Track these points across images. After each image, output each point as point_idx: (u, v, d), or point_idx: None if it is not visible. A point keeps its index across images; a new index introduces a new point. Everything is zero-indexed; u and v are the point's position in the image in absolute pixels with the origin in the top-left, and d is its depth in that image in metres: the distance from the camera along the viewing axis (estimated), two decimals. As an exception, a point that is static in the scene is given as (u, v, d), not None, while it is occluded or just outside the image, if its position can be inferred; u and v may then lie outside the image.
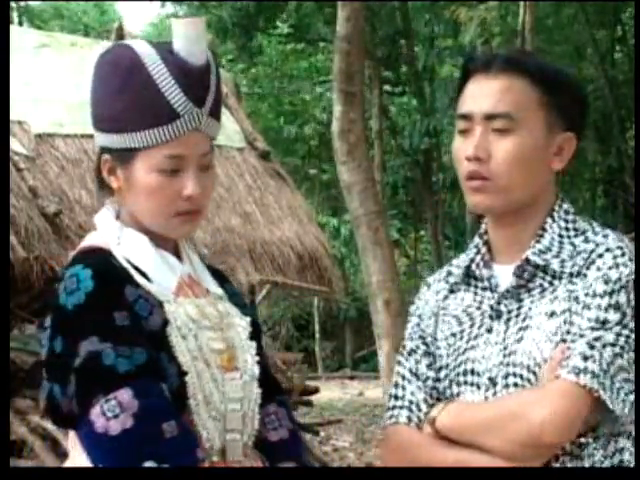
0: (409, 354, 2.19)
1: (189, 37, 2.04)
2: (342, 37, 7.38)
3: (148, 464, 1.90)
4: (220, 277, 2.28)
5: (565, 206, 2.11)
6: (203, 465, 1.98)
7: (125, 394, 1.93)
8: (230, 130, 8.77)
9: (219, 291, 2.20)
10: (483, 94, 2.05)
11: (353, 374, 19.99)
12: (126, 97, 2.03)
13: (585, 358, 1.92)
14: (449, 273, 2.21)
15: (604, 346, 1.94)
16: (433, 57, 18.18)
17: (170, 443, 1.92)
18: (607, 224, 2.23)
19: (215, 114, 2.09)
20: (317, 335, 20.69)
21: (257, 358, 2.16)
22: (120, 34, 8.70)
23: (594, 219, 2.23)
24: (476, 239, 2.18)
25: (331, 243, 14.15)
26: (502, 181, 2.04)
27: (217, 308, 2.14)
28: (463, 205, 15.63)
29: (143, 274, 2.06)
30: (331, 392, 15.70)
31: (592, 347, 1.93)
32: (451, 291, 2.19)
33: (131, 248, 2.09)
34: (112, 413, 1.92)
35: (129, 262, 2.07)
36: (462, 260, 2.19)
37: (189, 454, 1.94)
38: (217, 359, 2.07)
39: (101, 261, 2.06)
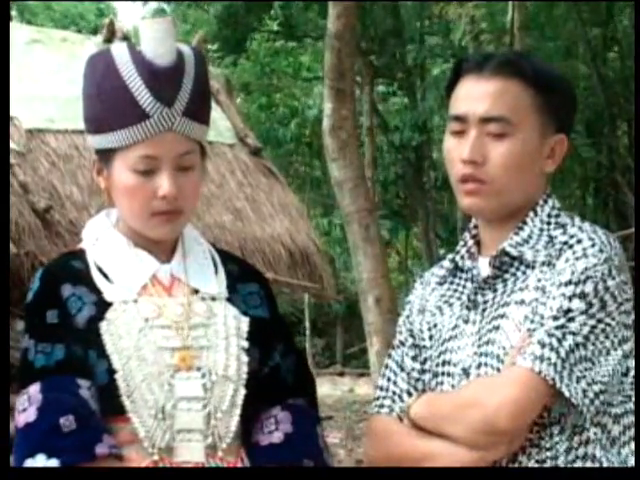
0: (397, 347, 2.22)
1: (155, 38, 2.07)
2: (333, 34, 7.37)
3: (39, 457, 1.92)
4: (240, 276, 2.25)
5: (551, 202, 2.11)
6: (109, 462, 1.96)
7: (34, 388, 1.98)
8: (221, 126, 8.73)
9: (212, 290, 2.17)
10: (478, 96, 2.04)
11: (343, 371, 19.96)
12: (102, 99, 2.08)
13: (543, 345, 1.92)
14: (441, 267, 2.23)
15: (565, 335, 1.92)
16: (424, 54, 18.16)
17: (66, 438, 1.94)
18: (597, 222, 2.24)
19: (193, 114, 2.09)
20: (308, 332, 20.66)
21: (246, 359, 2.12)
22: (111, 29, 8.66)
23: (584, 217, 2.22)
24: (465, 233, 2.20)
25: (322, 240, 14.13)
26: (498, 184, 2.04)
27: (192, 307, 2.12)
28: (454, 203, 15.62)
29: (105, 274, 2.10)
30: (321, 389, 15.67)
31: (551, 335, 1.92)
32: (439, 284, 2.20)
33: (102, 249, 2.13)
34: (22, 407, 1.98)
35: (95, 263, 2.11)
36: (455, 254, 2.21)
37: (86, 450, 1.95)
38: (168, 358, 2.06)
39: (55, 261, 2.18)
